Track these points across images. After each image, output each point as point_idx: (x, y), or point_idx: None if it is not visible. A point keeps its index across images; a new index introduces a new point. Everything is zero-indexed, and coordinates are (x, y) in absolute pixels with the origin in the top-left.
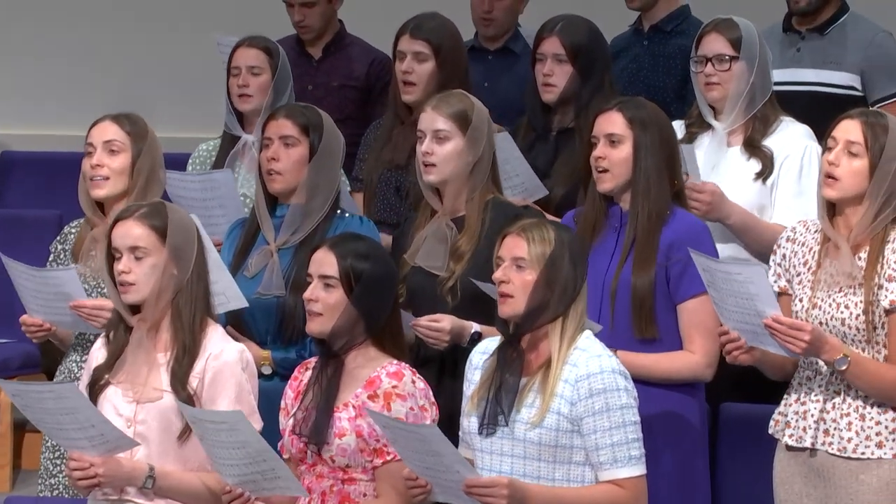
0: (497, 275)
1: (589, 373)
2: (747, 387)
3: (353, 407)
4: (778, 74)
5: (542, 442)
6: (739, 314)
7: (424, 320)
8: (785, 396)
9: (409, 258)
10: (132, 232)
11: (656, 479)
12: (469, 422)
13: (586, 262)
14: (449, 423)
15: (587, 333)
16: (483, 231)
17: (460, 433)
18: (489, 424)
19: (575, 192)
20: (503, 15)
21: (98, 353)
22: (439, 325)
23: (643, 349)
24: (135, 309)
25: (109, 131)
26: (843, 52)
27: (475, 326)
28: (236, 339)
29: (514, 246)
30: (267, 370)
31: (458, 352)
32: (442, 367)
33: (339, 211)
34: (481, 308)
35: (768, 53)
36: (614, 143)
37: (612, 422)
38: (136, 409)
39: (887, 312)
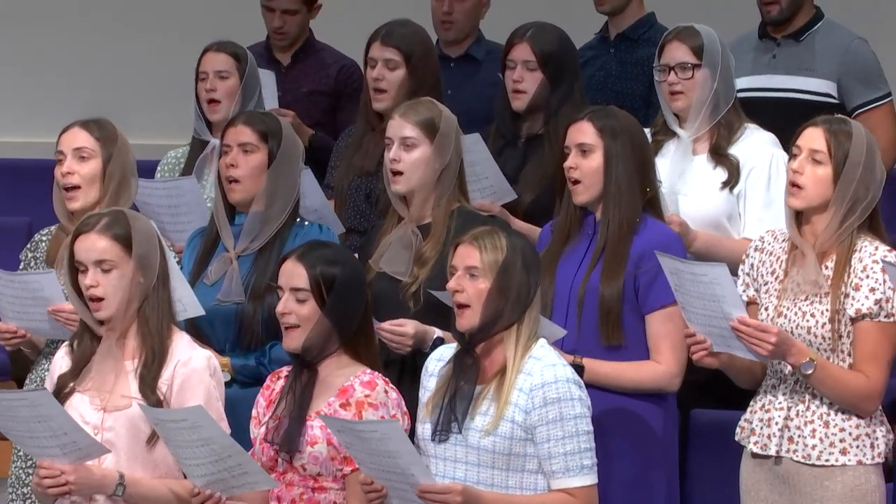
0: (451, 284)
1: (544, 382)
2: (719, 392)
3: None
4: (754, 81)
5: (495, 450)
6: (706, 318)
7: (388, 324)
8: (751, 404)
9: (374, 263)
10: (96, 245)
11: (612, 486)
12: (423, 428)
13: (540, 267)
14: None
15: (542, 342)
16: (448, 238)
17: (415, 439)
18: (442, 431)
19: (544, 199)
20: (463, 18)
21: (62, 362)
22: (402, 329)
23: (608, 356)
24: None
25: (79, 138)
26: (819, 58)
27: (437, 332)
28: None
29: (467, 255)
30: (226, 377)
31: (419, 356)
32: (402, 372)
33: (298, 219)
34: (442, 314)
35: (731, 60)
36: (585, 152)
37: (566, 431)
38: (104, 416)
39: (853, 321)
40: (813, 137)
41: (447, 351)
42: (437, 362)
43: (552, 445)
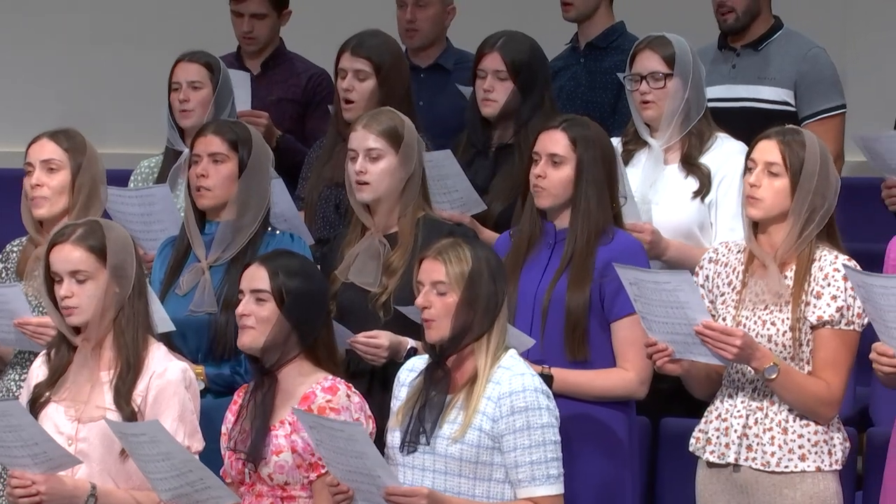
0: (419, 301)
1: (511, 391)
2: (688, 401)
3: (289, 424)
4: (714, 91)
5: (462, 458)
6: (668, 325)
7: (362, 337)
8: (705, 414)
9: (340, 274)
10: (71, 256)
11: (579, 493)
12: (392, 437)
13: (505, 276)
14: (378, 437)
15: (511, 352)
16: (415, 247)
17: (385, 448)
18: (410, 442)
19: (513, 208)
20: (427, 26)
21: (38, 371)
22: (377, 341)
23: (573, 368)
24: (77, 328)
25: (47, 149)
26: (777, 67)
27: (411, 342)
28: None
29: (432, 270)
30: (200, 385)
31: (388, 366)
32: (371, 382)
33: (269, 228)
34: (413, 324)
35: (702, 69)
36: (556, 163)
37: (533, 440)
38: (78, 427)
39: (813, 328)
40: (767, 150)
41: (419, 362)
42: (409, 372)
43: (519, 454)
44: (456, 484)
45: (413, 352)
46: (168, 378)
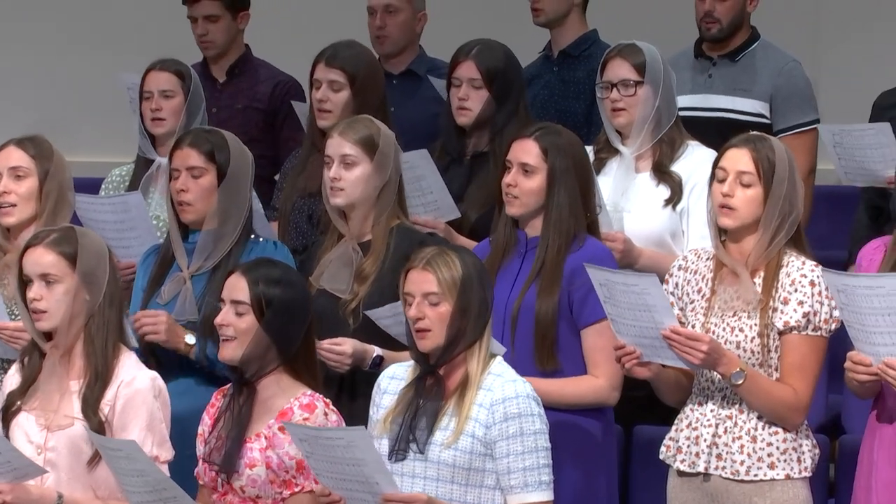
0: (411, 313)
1: (504, 397)
2: (661, 409)
3: (265, 437)
4: (689, 100)
5: (455, 464)
6: (637, 328)
7: (326, 343)
8: (675, 422)
9: (315, 281)
10: (42, 259)
11: (558, 499)
12: (379, 444)
13: (491, 282)
14: None
15: (499, 359)
16: (387, 255)
17: None
18: (400, 449)
19: (489, 216)
20: (397, 32)
21: (12, 379)
22: (341, 348)
23: (544, 377)
24: (49, 335)
25: (14, 157)
26: (754, 79)
27: (377, 350)
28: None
29: (423, 281)
30: (191, 339)
31: (358, 374)
32: (340, 388)
33: (252, 235)
34: (382, 331)
35: (672, 77)
36: (527, 172)
37: (525, 446)
38: (47, 436)
39: (780, 334)
40: (738, 159)
41: (399, 369)
42: (390, 380)
43: (511, 460)
44: (448, 490)
45: (379, 360)
46: (136, 387)
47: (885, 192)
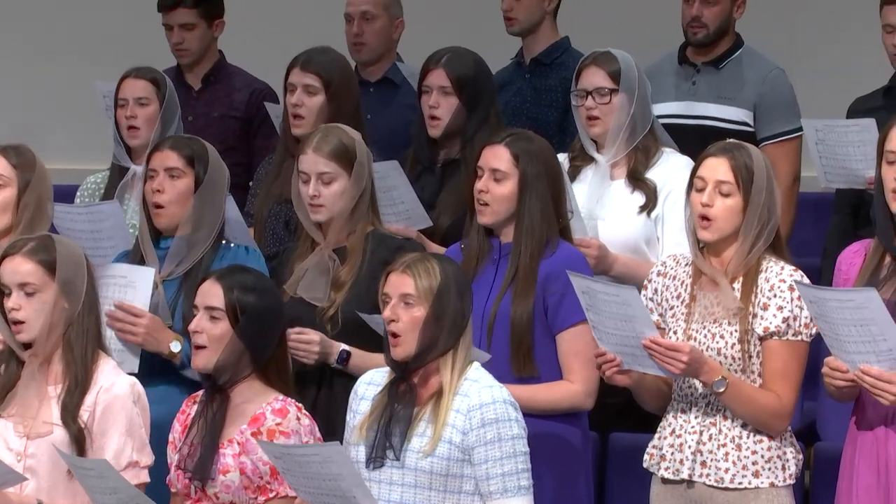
0: (386, 314)
1: (481, 403)
2: (637, 415)
3: (238, 443)
4: (673, 107)
5: (433, 471)
6: (618, 337)
7: (294, 332)
8: (659, 429)
9: (289, 289)
10: (21, 268)
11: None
12: (356, 452)
13: (471, 291)
14: None
15: (476, 365)
16: (364, 262)
17: None
18: (377, 457)
19: (460, 223)
20: (374, 39)
21: None
22: (308, 337)
23: (520, 384)
24: (27, 343)
25: None
26: (738, 87)
27: (343, 345)
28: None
29: (401, 283)
30: (176, 346)
31: (336, 379)
32: (318, 395)
33: (224, 241)
34: (361, 336)
35: (647, 85)
36: (498, 179)
37: (504, 451)
38: (27, 443)
39: (761, 340)
40: (717, 168)
41: (377, 375)
42: (367, 385)
43: (490, 466)
44: (426, 497)
45: (346, 354)
46: (115, 393)
47: (859, 200)
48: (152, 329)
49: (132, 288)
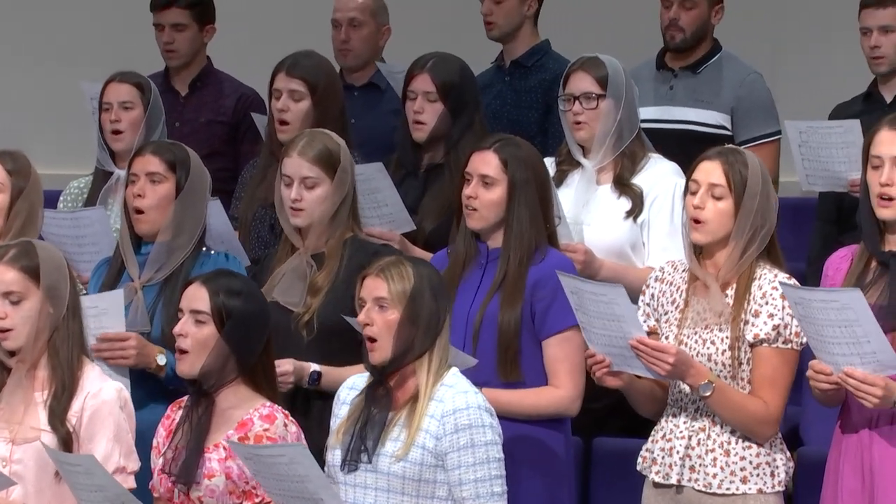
0: (360, 317)
1: (455, 408)
2: (621, 420)
3: (224, 448)
4: (651, 112)
5: (405, 475)
6: (607, 337)
7: None
8: (652, 433)
9: (266, 293)
10: (4, 277)
11: None
12: (333, 455)
13: (447, 295)
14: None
15: (454, 370)
16: (341, 267)
17: (325, 467)
18: (352, 461)
19: (443, 227)
20: (360, 45)
21: None
22: (282, 368)
23: (506, 388)
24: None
25: None
26: (715, 91)
27: (314, 366)
28: None
29: (375, 287)
30: (162, 360)
31: (308, 389)
32: (293, 404)
33: (204, 248)
34: (337, 342)
35: (635, 90)
36: (487, 184)
37: (477, 457)
38: (13, 448)
39: (751, 346)
40: (710, 171)
41: (359, 380)
42: (349, 390)
43: (463, 472)
44: (398, 502)
45: (317, 375)
46: (103, 398)
47: (840, 204)
48: (140, 347)
49: (105, 315)
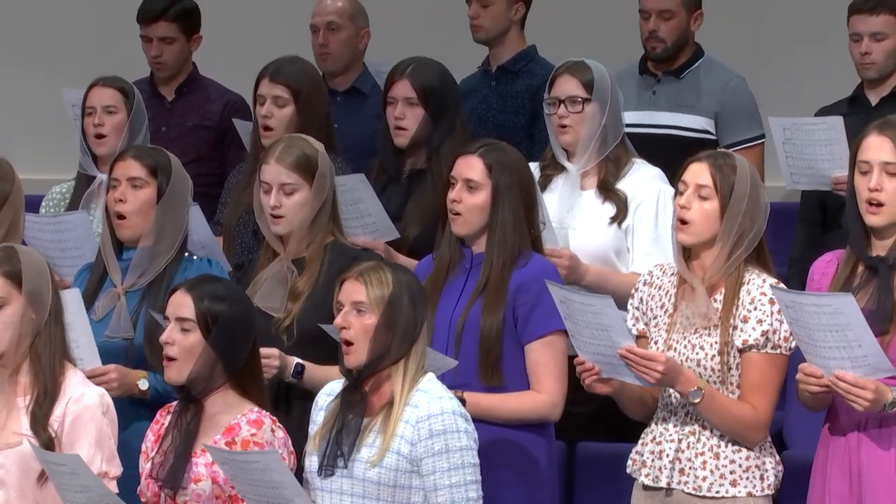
0: (337, 321)
1: (430, 413)
2: (605, 425)
3: None
4: (634, 117)
5: (381, 481)
6: (596, 346)
7: None
8: (642, 436)
9: None
10: None
11: None
12: (310, 461)
13: (426, 301)
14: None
15: (430, 375)
16: (321, 272)
17: (304, 473)
18: (328, 466)
19: (427, 233)
20: (339, 49)
21: None
22: (267, 350)
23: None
24: None
25: None
26: (698, 96)
27: (297, 359)
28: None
29: (353, 291)
30: (144, 384)
31: (294, 393)
32: (276, 406)
33: (186, 253)
34: (317, 348)
35: (620, 96)
36: (472, 189)
37: (452, 463)
38: None
39: (740, 352)
40: (698, 172)
41: (337, 385)
42: (327, 396)
43: (438, 477)
44: None
45: (300, 367)
46: (85, 403)
47: (823, 205)
48: (121, 378)
49: (67, 312)
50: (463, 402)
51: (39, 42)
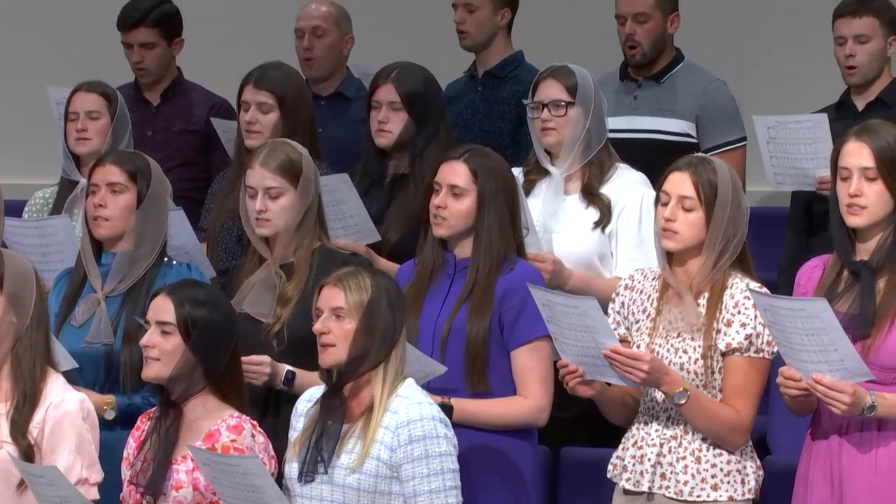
0: (317, 326)
1: (409, 419)
2: (589, 430)
3: (192, 459)
4: (615, 122)
5: (360, 487)
6: (579, 348)
7: (244, 359)
8: (623, 440)
9: (236, 305)
10: None
11: None
12: (290, 468)
13: (405, 307)
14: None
15: (409, 381)
16: (310, 277)
17: (283, 479)
18: (308, 472)
19: (409, 237)
20: (324, 54)
21: None
22: (258, 357)
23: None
24: None
25: None
26: (678, 99)
27: (288, 367)
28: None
29: (332, 296)
30: (110, 415)
31: (283, 399)
32: (265, 410)
33: (166, 258)
34: (307, 353)
35: (603, 100)
36: (457, 194)
37: (431, 469)
38: None
39: (723, 355)
40: (679, 183)
41: (317, 392)
42: (307, 403)
43: (417, 483)
44: None
45: (291, 374)
46: (65, 409)
47: (810, 212)
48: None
49: None
50: (450, 408)
51: (23, 47)
